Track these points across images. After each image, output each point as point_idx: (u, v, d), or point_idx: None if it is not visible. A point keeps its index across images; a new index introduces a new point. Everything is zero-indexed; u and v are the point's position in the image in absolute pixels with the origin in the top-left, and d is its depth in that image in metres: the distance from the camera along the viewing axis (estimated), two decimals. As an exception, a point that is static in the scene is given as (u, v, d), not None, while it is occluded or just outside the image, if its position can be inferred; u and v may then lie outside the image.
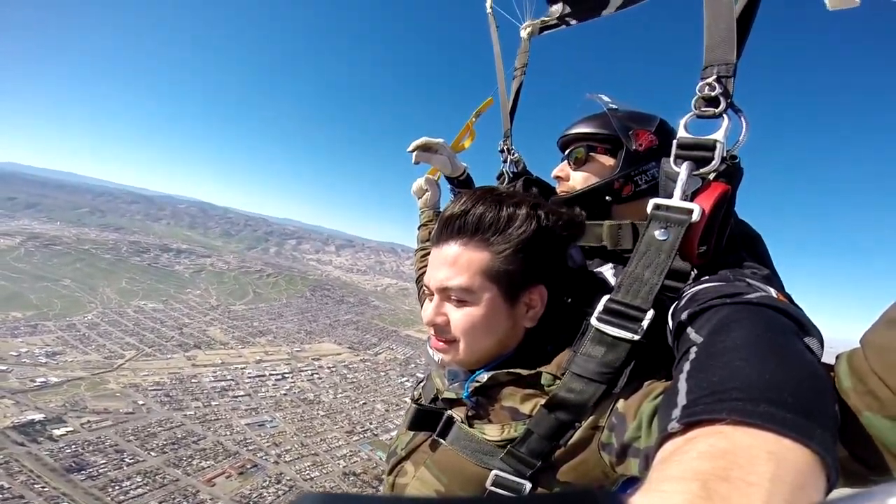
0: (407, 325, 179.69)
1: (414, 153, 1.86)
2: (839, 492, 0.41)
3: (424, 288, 1.22)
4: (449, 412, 1.14)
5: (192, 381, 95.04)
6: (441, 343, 1.14)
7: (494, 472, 0.99)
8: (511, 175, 1.95)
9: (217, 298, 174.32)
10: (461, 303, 1.09)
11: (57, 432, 64.28)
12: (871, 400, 0.58)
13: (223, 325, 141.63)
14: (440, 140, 1.91)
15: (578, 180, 1.46)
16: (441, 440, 1.12)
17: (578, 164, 1.46)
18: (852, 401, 0.60)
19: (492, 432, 1.04)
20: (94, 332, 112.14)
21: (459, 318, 1.09)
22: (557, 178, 1.54)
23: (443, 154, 1.92)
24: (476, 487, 1.02)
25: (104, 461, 61.06)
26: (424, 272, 1.18)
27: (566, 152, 1.51)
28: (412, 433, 1.22)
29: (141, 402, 79.96)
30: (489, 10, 2.19)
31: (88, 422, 69.63)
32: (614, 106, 1.43)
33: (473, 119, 2.18)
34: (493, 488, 0.98)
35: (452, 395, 1.16)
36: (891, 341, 0.58)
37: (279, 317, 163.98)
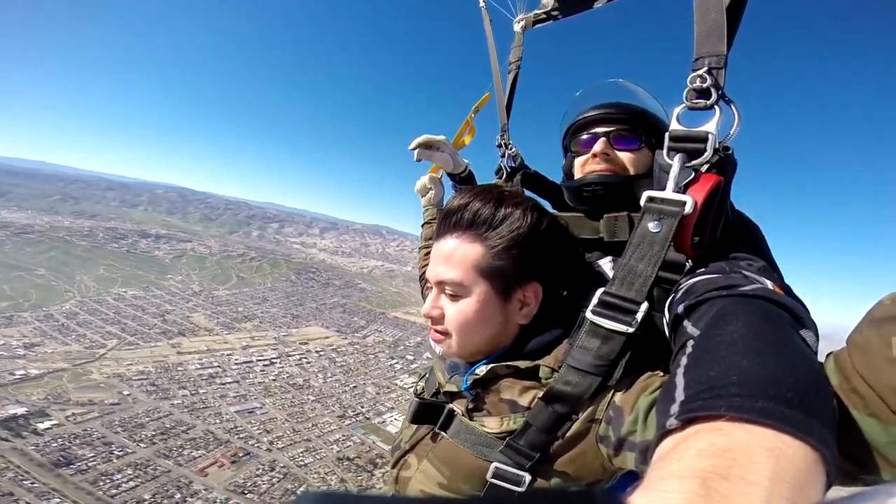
0: (394, 306, 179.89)
1: (415, 151, 1.83)
2: (839, 491, 0.40)
3: (427, 283, 1.24)
4: (450, 405, 1.16)
5: (178, 369, 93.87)
6: (437, 334, 1.17)
7: (495, 464, 1.00)
8: (509, 170, 1.93)
9: (199, 284, 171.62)
10: (454, 297, 1.11)
11: (41, 426, 62.81)
12: (855, 398, 0.59)
13: (207, 311, 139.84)
14: (441, 137, 1.88)
15: (622, 162, 1.33)
16: (442, 433, 1.14)
17: (628, 144, 1.35)
18: (839, 399, 0.60)
19: (491, 424, 1.05)
20: (73, 322, 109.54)
21: (452, 311, 1.11)
22: (604, 154, 1.34)
23: (444, 151, 1.89)
24: (477, 479, 1.03)
25: (93, 454, 59.93)
26: (427, 269, 1.20)
27: (612, 127, 1.36)
28: (415, 426, 1.24)
29: (126, 393, 78.60)
30: (482, 5, 2.16)
31: (73, 414, 68.12)
32: (654, 102, 1.42)
33: (472, 115, 2.17)
34: (493, 480, 1.00)
35: (453, 388, 1.16)
36: (871, 340, 0.59)
37: (264, 301, 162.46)
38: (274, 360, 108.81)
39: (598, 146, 1.35)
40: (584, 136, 1.41)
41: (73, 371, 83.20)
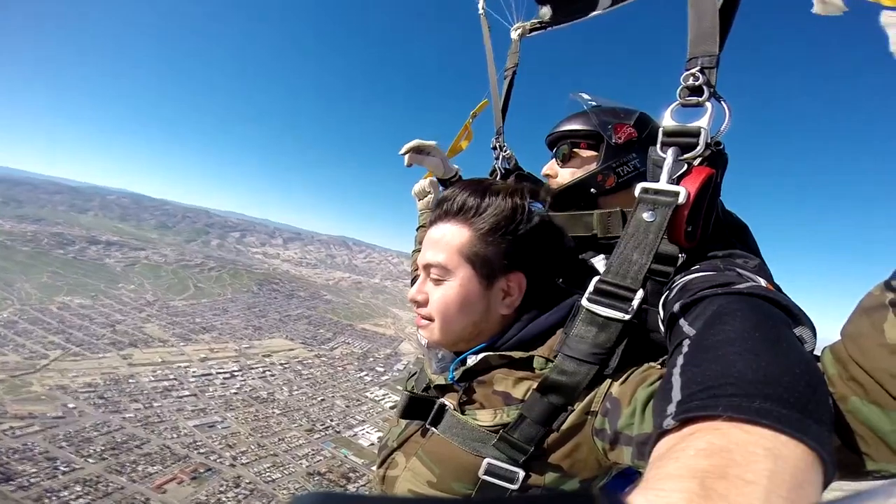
0: (362, 318, 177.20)
1: (406, 155, 1.86)
2: (841, 489, 0.39)
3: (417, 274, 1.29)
4: (441, 400, 1.14)
5: (130, 381, 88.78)
6: (422, 320, 1.17)
7: (487, 460, 0.98)
8: (503, 171, 2.02)
9: (154, 293, 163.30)
10: (438, 280, 1.12)
11: (-26, 440, 57.30)
12: (855, 386, 0.61)
13: (162, 321, 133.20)
14: (433, 142, 1.91)
15: (565, 176, 1.53)
16: (433, 429, 1.11)
17: (564, 160, 1.54)
18: (838, 388, 0.63)
19: (484, 418, 1.03)
20: (11, 332, 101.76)
21: (436, 295, 1.12)
22: (547, 175, 1.60)
23: (435, 156, 1.92)
24: (469, 476, 1.01)
25: (34, 470, 55.40)
26: (417, 274, 1.23)
27: (553, 150, 1.59)
28: (404, 425, 1.22)
29: (71, 406, 73.58)
30: (481, 12, 2.24)
31: (11, 428, 62.89)
32: (594, 103, 1.53)
33: (470, 120, 2.26)
34: (485, 477, 0.98)
35: (443, 382, 1.15)
36: (863, 328, 0.62)
37: (224, 312, 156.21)
38: (235, 373, 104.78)
39: (544, 169, 1.63)
40: None
41: (11, 382, 77.13)
